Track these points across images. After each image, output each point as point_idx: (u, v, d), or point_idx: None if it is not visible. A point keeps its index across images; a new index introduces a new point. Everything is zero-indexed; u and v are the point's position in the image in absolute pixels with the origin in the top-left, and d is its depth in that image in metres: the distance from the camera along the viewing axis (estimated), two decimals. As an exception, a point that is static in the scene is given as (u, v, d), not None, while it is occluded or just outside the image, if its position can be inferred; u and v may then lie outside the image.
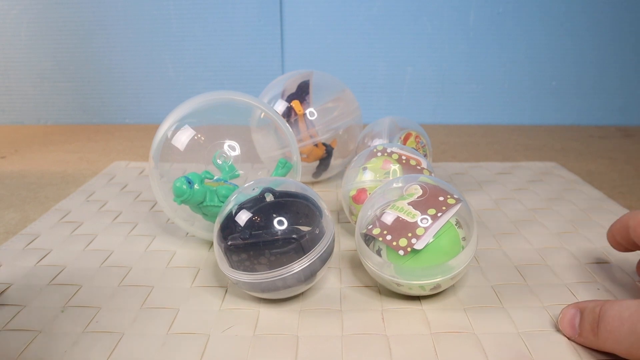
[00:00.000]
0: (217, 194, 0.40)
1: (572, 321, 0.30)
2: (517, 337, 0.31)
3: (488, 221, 0.48)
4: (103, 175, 0.61)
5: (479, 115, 0.88)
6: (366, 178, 0.42)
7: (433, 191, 0.34)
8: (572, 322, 0.30)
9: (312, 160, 0.55)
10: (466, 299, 0.35)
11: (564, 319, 0.31)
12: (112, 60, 0.86)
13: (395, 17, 0.83)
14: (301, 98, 0.52)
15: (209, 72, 0.87)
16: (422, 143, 0.50)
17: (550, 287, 0.36)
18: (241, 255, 0.32)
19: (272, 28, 0.84)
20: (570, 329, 0.30)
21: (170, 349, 0.30)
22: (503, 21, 0.82)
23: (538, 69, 0.85)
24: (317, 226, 0.34)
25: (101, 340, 0.31)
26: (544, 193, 0.54)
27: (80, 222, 0.48)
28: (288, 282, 0.32)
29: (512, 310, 0.33)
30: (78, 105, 0.89)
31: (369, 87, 0.87)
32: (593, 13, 0.82)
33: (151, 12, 0.83)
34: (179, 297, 0.35)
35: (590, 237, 0.44)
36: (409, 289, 0.33)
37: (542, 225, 0.46)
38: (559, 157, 0.69)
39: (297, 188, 0.36)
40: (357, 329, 0.32)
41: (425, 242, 0.31)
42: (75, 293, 0.36)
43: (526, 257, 0.41)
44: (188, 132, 0.41)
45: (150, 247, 0.43)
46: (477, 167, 0.64)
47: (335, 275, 0.38)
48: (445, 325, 0.32)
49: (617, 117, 0.87)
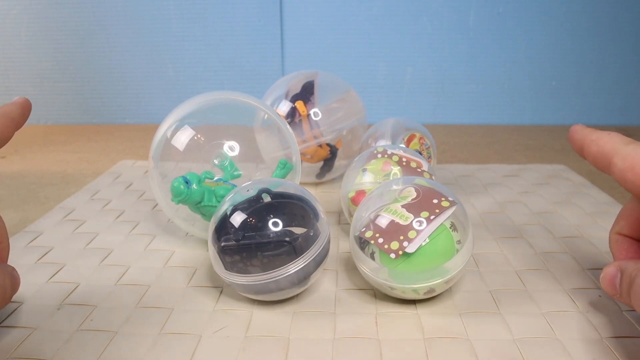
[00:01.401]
0: (215, 194, 0.40)
1: (612, 281, 0.29)
2: (512, 343, 0.30)
3: (491, 224, 0.47)
4: (109, 174, 0.61)
5: (479, 115, 0.88)
6: (365, 180, 0.41)
7: (427, 194, 0.34)
8: (613, 282, 0.29)
9: (316, 161, 0.55)
10: (462, 303, 0.34)
11: (606, 278, 0.30)
12: (112, 60, 0.86)
13: (395, 17, 0.83)
14: (305, 98, 0.52)
15: (209, 72, 0.87)
16: (427, 144, 0.50)
17: (550, 293, 0.36)
18: (234, 256, 0.32)
19: (272, 28, 0.84)
20: (612, 288, 0.29)
21: (161, 349, 0.30)
22: (503, 21, 0.82)
23: (538, 69, 0.85)
24: (312, 228, 0.34)
25: (94, 339, 0.31)
26: (551, 196, 0.54)
27: (83, 220, 0.48)
28: (281, 285, 0.32)
29: (508, 316, 0.33)
30: (78, 105, 0.89)
31: (369, 87, 0.87)
32: (593, 13, 0.81)
33: (151, 12, 0.84)
34: (174, 297, 0.36)
35: (595, 242, 0.43)
36: (402, 292, 0.33)
37: (546, 230, 0.46)
38: (559, 157, 0.69)
39: (292, 189, 0.36)
40: (350, 333, 0.31)
41: (417, 245, 0.31)
42: (73, 291, 0.36)
43: (527, 262, 0.40)
44: (188, 132, 0.41)
45: (149, 247, 0.43)
46: (484, 169, 0.63)
47: (331, 278, 0.38)
48: (439, 330, 0.32)
49: (617, 117, 0.86)
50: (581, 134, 0.31)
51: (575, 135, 0.32)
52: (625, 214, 0.32)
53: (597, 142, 0.30)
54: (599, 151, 0.30)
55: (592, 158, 0.30)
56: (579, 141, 0.31)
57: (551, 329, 0.32)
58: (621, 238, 0.32)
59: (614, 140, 0.29)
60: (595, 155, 0.30)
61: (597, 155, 0.30)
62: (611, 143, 0.29)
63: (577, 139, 0.31)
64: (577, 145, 0.32)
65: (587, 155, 0.31)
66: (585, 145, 0.31)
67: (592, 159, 0.30)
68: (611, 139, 0.29)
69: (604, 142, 0.29)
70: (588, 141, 0.30)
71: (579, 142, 0.31)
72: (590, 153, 0.30)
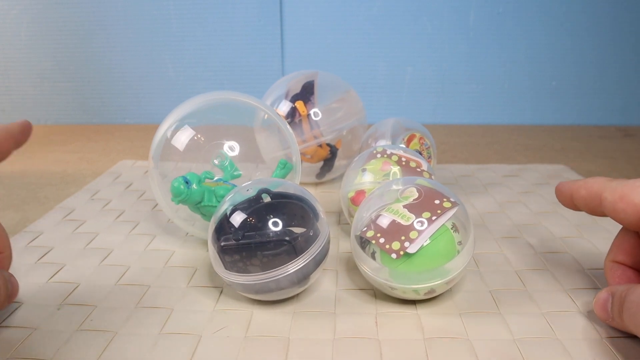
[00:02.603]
0: (215, 194, 0.40)
1: (604, 305, 0.31)
2: (512, 343, 0.30)
3: (491, 224, 0.47)
4: (109, 174, 0.61)
5: (479, 115, 0.88)
6: (365, 179, 0.41)
7: (429, 194, 0.34)
8: (605, 307, 0.30)
9: (316, 161, 0.55)
10: (462, 303, 0.34)
11: (597, 303, 0.31)
12: (112, 60, 0.86)
13: (395, 17, 0.83)
14: (305, 99, 0.52)
15: (209, 72, 0.87)
16: (427, 144, 0.50)
17: (550, 293, 0.36)
18: (234, 256, 0.32)
19: (272, 28, 0.84)
20: (604, 313, 0.31)
21: (161, 349, 0.30)
22: (503, 21, 0.82)
23: (538, 69, 0.85)
24: (312, 228, 0.34)
25: (94, 339, 0.31)
26: (551, 196, 0.53)
27: (83, 220, 0.48)
28: (281, 284, 0.32)
29: (508, 316, 0.33)
30: (78, 105, 0.89)
31: (369, 87, 0.87)
32: (593, 13, 0.81)
33: (151, 12, 0.83)
34: (174, 297, 0.36)
35: (595, 242, 0.43)
36: (402, 292, 0.33)
37: (546, 230, 0.46)
38: (559, 157, 0.69)
39: (292, 189, 0.36)
40: (350, 333, 0.31)
41: (419, 245, 0.31)
42: (73, 291, 0.36)
43: (527, 262, 0.40)
44: (188, 132, 0.41)
45: (149, 247, 0.43)
46: (484, 169, 0.63)
47: (332, 278, 0.38)
48: (439, 330, 0.32)
49: (617, 117, 0.86)
50: (567, 185, 0.33)
51: (562, 188, 0.34)
52: (617, 243, 0.33)
53: (585, 186, 0.32)
54: (588, 192, 0.31)
55: (583, 201, 0.32)
56: (567, 192, 0.33)
57: (551, 329, 0.32)
58: (615, 265, 0.33)
59: (600, 179, 0.31)
60: (586, 198, 0.32)
61: (587, 197, 0.32)
62: (598, 182, 0.31)
63: (565, 190, 0.33)
64: (566, 196, 0.33)
65: (578, 200, 0.32)
66: (574, 191, 0.32)
67: (584, 202, 0.32)
68: (597, 179, 0.32)
69: (592, 183, 0.32)
70: (576, 187, 0.32)
71: (567, 193, 0.33)
72: (581, 197, 0.32)
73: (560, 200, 0.34)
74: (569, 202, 0.33)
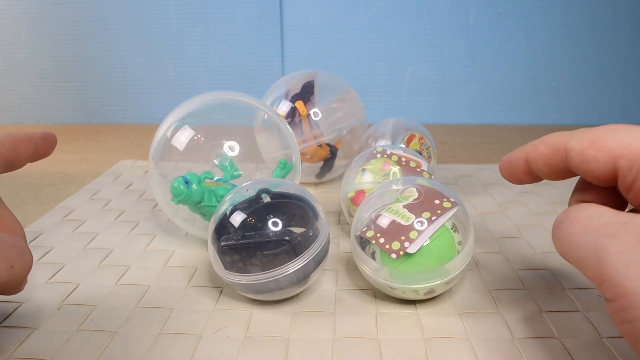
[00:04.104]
0: (215, 194, 0.40)
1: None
2: (512, 343, 0.30)
3: (491, 224, 0.47)
4: (109, 173, 0.61)
5: (479, 115, 0.88)
6: (365, 179, 0.41)
7: (429, 194, 0.34)
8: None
9: (316, 161, 0.55)
10: (462, 303, 0.34)
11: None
12: (112, 60, 0.86)
13: (395, 17, 0.83)
14: (305, 98, 0.52)
15: (209, 72, 0.87)
16: (427, 145, 0.50)
17: (550, 293, 0.36)
18: (234, 256, 0.32)
19: (272, 28, 0.84)
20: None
21: (160, 349, 0.30)
22: (503, 21, 0.82)
23: (538, 69, 0.85)
24: (311, 228, 0.33)
25: (93, 339, 0.31)
26: (551, 196, 0.53)
27: (82, 220, 0.48)
28: (281, 284, 0.32)
29: (508, 315, 0.33)
30: (78, 105, 0.89)
31: (369, 87, 0.87)
32: (593, 13, 0.81)
33: (151, 12, 0.83)
34: (174, 297, 0.36)
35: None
36: (402, 292, 0.33)
37: (546, 229, 0.46)
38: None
39: (292, 189, 0.36)
40: (350, 333, 0.31)
41: (419, 245, 0.31)
42: (73, 291, 0.36)
43: (527, 262, 0.40)
44: (188, 132, 0.41)
45: (149, 246, 0.43)
46: (484, 169, 0.63)
47: (331, 278, 0.38)
48: (439, 330, 0.32)
49: (617, 117, 0.86)
50: (516, 152, 0.28)
51: (511, 157, 0.28)
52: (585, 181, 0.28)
53: (543, 141, 0.26)
54: (547, 147, 0.26)
55: (543, 160, 0.26)
56: (518, 158, 0.28)
57: (551, 329, 0.32)
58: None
59: (561, 132, 0.26)
60: (545, 154, 0.26)
61: (548, 153, 0.26)
62: (560, 135, 0.26)
63: (515, 157, 0.28)
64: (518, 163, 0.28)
65: (536, 161, 0.27)
66: (529, 153, 0.27)
67: (543, 161, 0.27)
68: (557, 133, 0.26)
69: (552, 137, 0.26)
70: (531, 148, 0.27)
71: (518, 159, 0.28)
72: (539, 155, 0.27)
73: (509, 171, 0.28)
74: (522, 169, 0.28)
